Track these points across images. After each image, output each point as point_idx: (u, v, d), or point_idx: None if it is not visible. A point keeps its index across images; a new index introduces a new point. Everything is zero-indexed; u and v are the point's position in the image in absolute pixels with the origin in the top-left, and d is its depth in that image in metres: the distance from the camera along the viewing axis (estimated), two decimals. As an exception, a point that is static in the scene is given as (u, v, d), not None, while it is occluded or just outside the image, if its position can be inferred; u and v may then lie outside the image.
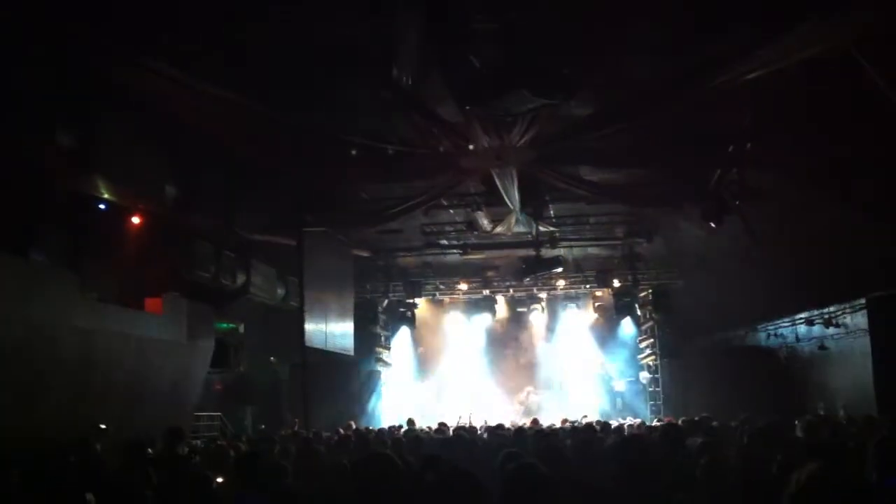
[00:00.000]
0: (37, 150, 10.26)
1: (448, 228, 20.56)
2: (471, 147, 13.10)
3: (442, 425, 15.42)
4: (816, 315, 18.65)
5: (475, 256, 22.92)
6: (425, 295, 25.73)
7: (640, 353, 25.54)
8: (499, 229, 19.15)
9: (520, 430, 11.51)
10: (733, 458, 6.61)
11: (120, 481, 7.45)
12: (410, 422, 17.49)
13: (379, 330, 26.06)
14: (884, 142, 10.94)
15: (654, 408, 24.18)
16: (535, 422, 16.65)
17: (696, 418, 13.71)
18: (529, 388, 25.63)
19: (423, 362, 27.03)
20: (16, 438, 10.05)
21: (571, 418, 18.17)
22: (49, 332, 11.42)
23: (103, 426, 11.25)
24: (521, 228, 19.33)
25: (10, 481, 6.78)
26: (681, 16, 9.67)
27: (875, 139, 11.01)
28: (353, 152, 12.85)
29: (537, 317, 26.40)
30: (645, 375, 24.96)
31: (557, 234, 20.81)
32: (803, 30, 8.72)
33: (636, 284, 24.33)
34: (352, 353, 21.39)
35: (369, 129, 13.00)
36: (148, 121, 11.96)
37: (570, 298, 26.17)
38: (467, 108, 10.79)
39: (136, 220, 13.80)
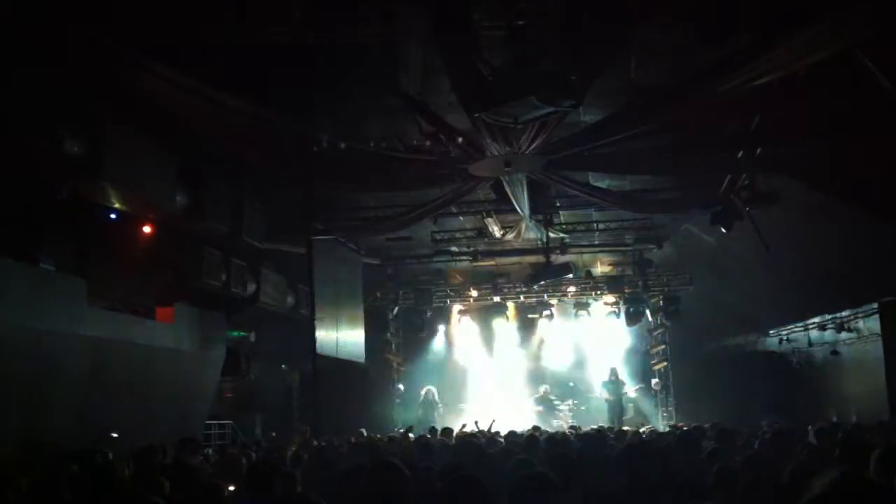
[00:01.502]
0: (44, 157, 10.28)
1: (458, 236, 20.56)
2: (480, 154, 13.10)
3: (445, 431, 15.31)
4: (829, 320, 18.56)
5: (485, 263, 22.93)
6: (435, 302, 25.72)
7: (651, 360, 25.48)
8: (509, 236, 19.16)
9: (531, 437, 11.47)
10: (745, 464, 6.57)
11: (131, 490, 7.45)
12: (432, 430, 17.30)
13: (389, 337, 26.09)
14: (894, 144, 10.91)
15: (665, 414, 24.12)
16: (535, 428, 16.60)
17: (708, 424, 13.68)
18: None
19: (433, 369, 26.96)
20: (25, 447, 10.08)
21: (581, 425, 18.06)
22: (58, 340, 11.43)
23: (114, 434, 11.26)
24: (531, 235, 19.33)
25: (19, 489, 6.80)
26: (687, 21, 9.66)
27: (886, 142, 10.97)
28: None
29: (547, 323, 26.35)
30: (656, 382, 24.89)
31: (567, 241, 20.79)
32: (809, 34, 8.70)
33: (647, 290, 24.28)
34: (363, 360, 21.40)
35: (378, 137, 13.01)
36: (156, 128, 11.99)
37: (580, 305, 26.12)
38: (475, 115, 10.79)
39: (145, 228, 13.81)
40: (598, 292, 25.12)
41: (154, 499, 5.88)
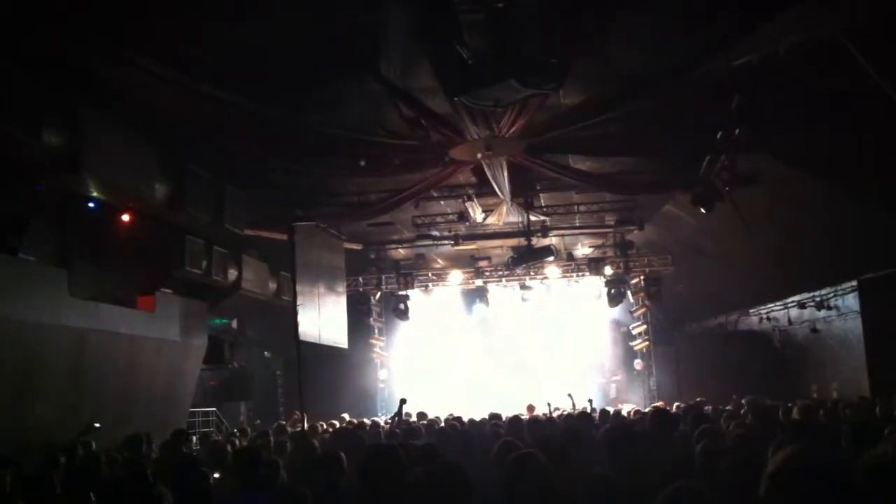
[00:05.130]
0: (23, 148, 10.20)
1: (439, 220, 20.56)
2: (460, 138, 13.08)
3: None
4: (808, 298, 18.74)
5: (467, 247, 22.94)
6: (418, 286, 25.76)
7: (632, 341, 25.60)
8: (490, 220, 19.16)
9: (515, 420, 11.50)
10: (729, 442, 6.64)
11: (116, 479, 7.45)
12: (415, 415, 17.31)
13: (372, 322, 26.15)
14: (874, 124, 10.98)
15: (648, 394, 24.26)
16: (531, 408, 16.77)
17: (691, 404, 13.79)
18: None
19: (417, 353, 27.00)
20: (8, 439, 10.04)
21: (562, 406, 18.10)
22: (40, 331, 11.39)
23: (97, 424, 11.24)
24: (512, 218, 19.35)
25: (2, 482, 6.78)
26: (669, 1, 9.68)
27: (865, 121, 11.04)
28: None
29: (530, 306, 26.41)
30: (638, 362, 25.02)
31: (548, 224, 20.83)
32: (790, 16, 8.73)
33: (628, 272, 24.39)
34: (345, 346, 21.37)
35: (358, 122, 12.98)
36: (137, 117, 11.91)
37: (562, 287, 26.22)
38: (455, 99, 10.77)
39: (126, 217, 13.73)
40: (580, 274, 25.19)
41: (141, 488, 5.88)
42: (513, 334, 27.11)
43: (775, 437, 6.10)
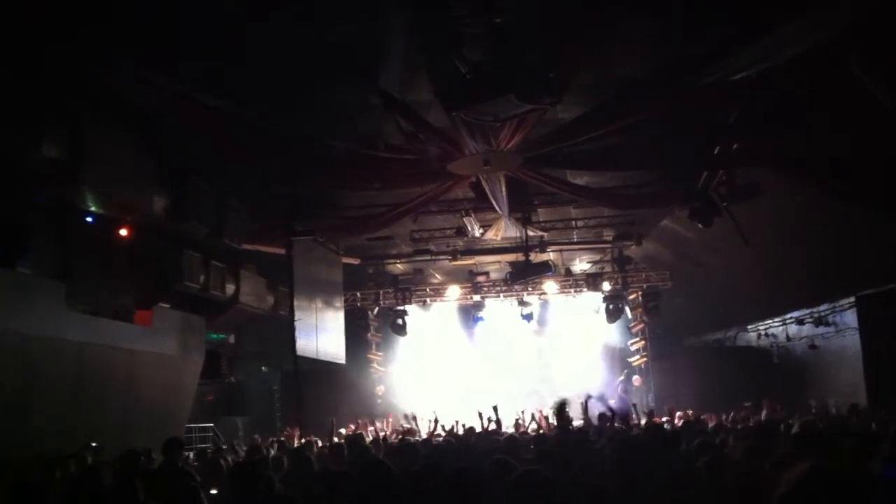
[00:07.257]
0: (23, 160, 10.19)
1: (437, 234, 20.56)
2: (459, 152, 13.08)
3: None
4: (807, 314, 18.72)
5: (465, 262, 22.93)
6: (416, 301, 25.72)
7: (630, 356, 25.54)
8: (488, 235, 19.16)
9: (511, 438, 11.44)
10: (730, 456, 6.60)
11: (112, 495, 7.39)
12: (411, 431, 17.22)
13: (370, 337, 26.10)
14: (872, 138, 10.98)
15: (646, 410, 24.15)
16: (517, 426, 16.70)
17: (693, 419, 13.72)
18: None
19: (414, 368, 26.90)
20: (6, 451, 9.98)
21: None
22: (38, 345, 11.33)
23: (94, 444, 11.16)
24: (510, 233, 19.35)
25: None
26: (667, 14, 9.70)
27: (863, 136, 11.05)
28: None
29: (528, 321, 26.35)
30: (637, 378, 24.95)
31: (546, 239, 20.83)
32: (788, 28, 8.76)
33: (626, 287, 24.37)
34: (343, 361, 21.35)
35: (357, 136, 12.98)
36: (136, 129, 11.91)
37: (560, 302, 26.17)
38: (454, 113, 10.77)
39: (124, 231, 13.70)
40: (578, 290, 25.17)
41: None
42: (510, 349, 26.99)
43: (773, 451, 6.07)
